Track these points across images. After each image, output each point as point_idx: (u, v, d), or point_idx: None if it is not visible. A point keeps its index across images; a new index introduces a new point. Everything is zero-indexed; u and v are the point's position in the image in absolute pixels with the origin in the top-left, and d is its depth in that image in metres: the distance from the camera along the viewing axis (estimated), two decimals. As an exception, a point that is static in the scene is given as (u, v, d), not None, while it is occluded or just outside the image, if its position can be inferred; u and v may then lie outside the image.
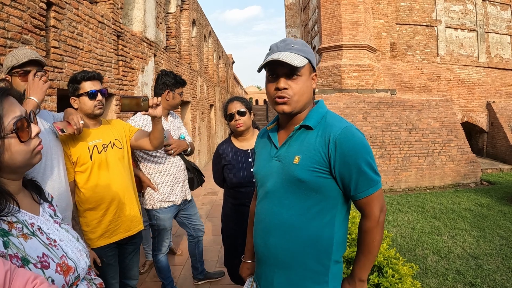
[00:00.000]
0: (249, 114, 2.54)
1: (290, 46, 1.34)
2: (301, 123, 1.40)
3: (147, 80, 5.58)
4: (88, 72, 2.15)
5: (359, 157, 1.30)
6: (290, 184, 1.36)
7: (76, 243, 1.16)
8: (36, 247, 0.97)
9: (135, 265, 2.56)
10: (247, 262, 1.77)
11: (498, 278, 4.49)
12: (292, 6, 23.42)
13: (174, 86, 2.97)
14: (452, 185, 10.56)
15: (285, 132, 1.48)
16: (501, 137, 14.26)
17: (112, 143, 2.26)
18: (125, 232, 2.30)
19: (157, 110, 2.13)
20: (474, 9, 15.74)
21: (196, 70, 9.98)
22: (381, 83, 12.41)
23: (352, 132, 1.32)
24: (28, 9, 2.71)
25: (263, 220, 1.46)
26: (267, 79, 1.40)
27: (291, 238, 1.36)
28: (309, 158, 1.33)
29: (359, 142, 1.31)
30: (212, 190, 7.88)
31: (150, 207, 3.00)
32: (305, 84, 1.36)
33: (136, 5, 5.36)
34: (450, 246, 5.61)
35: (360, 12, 12.29)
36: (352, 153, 1.29)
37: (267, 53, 1.40)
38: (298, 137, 1.40)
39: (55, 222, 1.16)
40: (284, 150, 1.42)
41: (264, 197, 1.47)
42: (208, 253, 4.32)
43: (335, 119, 1.40)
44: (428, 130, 10.92)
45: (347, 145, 1.29)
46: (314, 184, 1.33)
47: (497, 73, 15.87)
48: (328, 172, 1.33)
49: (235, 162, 2.49)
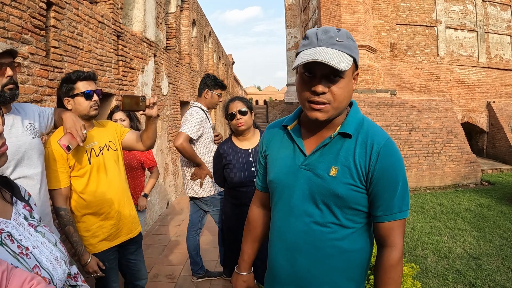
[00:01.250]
0: (250, 114, 2.55)
1: (334, 41, 1.09)
2: (338, 130, 1.21)
3: (147, 80, 5.58)
4: (83, 72, 2.09)
5: (398, 175, 1.17)
6: (325, 198, 1.19)
7: (53, 249, 1.05)
8: (4, 258, 0.86)
9: (142, 264, 2.55)
10: (243, 275, 1.57)
11: (498, 279, 4.48)
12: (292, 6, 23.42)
13: (212, 87, 3.33)
14: (452, 185, 10.55)
15: (314, 136, 1.27)
16: (501, 137, 14.24)
17: (107, 145, 2.22)
18: (127, 235, 2.29)
19: (154, 110, 2.10)
20: (474, 10, 15.73)
21: (196, 71, 9.97)
22: (381, 84, 12.40)
23: (394, 146, 1.19)
24: (28, 9, 2.71)
25: (287, 239, 1.28)
26: (301, 76, 1.16)
27: (323, 259, 1.22)
28: (348, 170, 1.17)
29: (400, 159, 1.18)
30: (212, 190, 7.86)
31: (212, 193, 3.35)
32: (347, 88, 1.14)
33: (136, 5, 5.35)
34: (450, 246, 5.60)
35: (360, 13, 12.28)
36: (392, 169, 1.15)
37: (303, 43, 1.16)
38: (334, 145, 1.21)
39: (29, 226, 1.04)
40: (316, 159, 1.22)
41: (289, 213, 1.27)
42: (208, 253, 4.32)
43: (374, 127, 1.24)
44: (428, 130, 10.91)
45: (390, 160, 1.15)
46: (351, 199, 1.18)
47: (497, 73, 15.85)
48: (364, 187, 1.18)
49: (236, 162, 2.50)
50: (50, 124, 2.02)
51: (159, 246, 4.68)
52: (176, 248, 4.57)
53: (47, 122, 1.98)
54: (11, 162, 1.62)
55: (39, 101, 2.77)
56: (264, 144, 1.46)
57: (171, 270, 3.94)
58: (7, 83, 1.63)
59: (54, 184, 1.97)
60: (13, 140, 1.65)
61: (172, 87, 7.20)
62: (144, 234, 5.07)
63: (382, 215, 1.18)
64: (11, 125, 1.69)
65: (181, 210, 6.40)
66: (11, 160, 1.62)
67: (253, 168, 2.48)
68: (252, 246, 1.57)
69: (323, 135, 1.24)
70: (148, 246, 4.63)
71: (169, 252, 4.45)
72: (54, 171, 1.96)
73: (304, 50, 1.12)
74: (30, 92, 2.68)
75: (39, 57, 2.83)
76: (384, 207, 1.17)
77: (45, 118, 1.97)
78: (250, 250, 1.57)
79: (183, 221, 5.74)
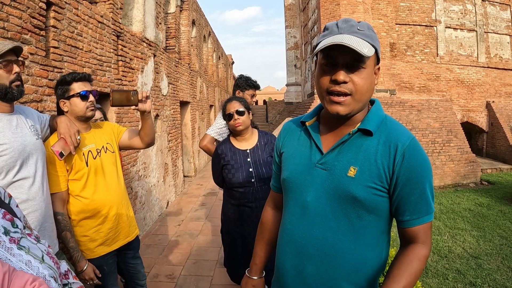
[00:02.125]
0: (247, 114, 2.54)
1: (356, 29, 1.04)
2: (358, 126, 1.13)
3: (146, 80, 5.57)
4: (78, 73, 2.05)
5: (426, 177, 1.08)
6: (341, 201, 1.11)
7: (40, 267, 0.92)
8: None
9: (140, 266, 2.55)
10: (253, 279, 1.47)
11: (498, 278, 4.48)
12: (291, 6, 23.40)
13: (244, 88, 3.32)
14: (452, 185, 10.55)
15: (332, 133, 1.19)
16: (501, 137, 14.25)
17: (104, 147, 2.19)
18: (125, 239, 2.27)
19: (147, 104, 2.06)
20: (473, 9, 15.73)
21: (196, 71, 9.97)
22: (380, 83, 12.41)
23: (420, 146, 1.10)
24: (28, 9, 2.71)
25: (297, 242, 1.19)
26: (321, 67, 1.10)
27: (334, 266, 1.13)
28: (369, 171, 1.08)
29: (426, 159, 1.09)
30: (211, 190, 7.88)
31: None
32: (370, 79, 1.08)
33: (136, 5, 5.35)
34: (450, 246, 5.61)
35: (360, 12, 12.29)
36: (419, 170, 1.07)
37: (323, 34, 1.10)
38: (353, 142, 1.13)
39: (11, 242, 0.89)
40: (333, 157, 1.14)
41: (301, 214, 1.19)
42: (208, 254, 4.32)
43: (398, 125, 1.15)
44: (427, 130, 10.92)
45: (417, 160, 1.07)
46: (371, 203, 1.09)
47: (496, 73, 15.86)
48: (386, 190, 1.09)
49: (234, 162, 2.49)
50: (46, 131, 2.00)
51: (159, 246, 4.68)
52: (176, 248, 4.57)
53: (44, 128, 1.97)
54: (17, 162, 1.62)
55: (38, 101, 2.77)
56: (280, 141, 1.36)
57: (171, 270, 3.94)
58: (15, 79, 1.64)
59: (53, 188, 1.94)
60: (19, 140, 1.65)
61: (172, 87, 7.20)
62: (144, 234, 5.07)
63: (409, 220, 1.10)
64: (16, 125, 1.69)
65: (181, 210, 6.40)
66: (17, 159, 1.63)
67: (251, 169, 2.47)
68: (264, 249, 1.48)
69: (342, 132, 1.15)
70: (148, 246, 4.63)
71: (169, 252, 4.45)
72: (52, 175, 1.94)
73: (325, 39, 1.06)
74: (30, 92, 2.68)
75: (38, 57, 2.83)
76: (411, 210, 1.09)
77: (42, 123, 1.96)
78: (262, 253, 1.48)
79: (183, 221, 5.74)
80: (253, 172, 2.45)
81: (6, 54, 1.59)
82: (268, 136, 2.64)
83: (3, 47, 1.57)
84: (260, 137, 2.61)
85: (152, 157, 5.77)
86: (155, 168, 5.90)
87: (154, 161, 5.84)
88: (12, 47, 1.59)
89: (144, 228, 5.18)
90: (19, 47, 1.66)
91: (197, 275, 3.80)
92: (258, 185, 2.45)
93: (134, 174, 4.92)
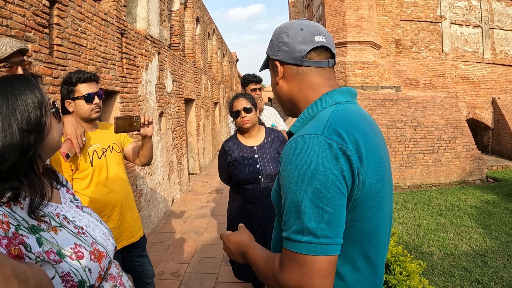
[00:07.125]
0: (254, 111, 2.52)
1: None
2: None
3: (151, 77, 5.57)
4: (84, 73, 2.00)
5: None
6: None
7: (101, 226, 1.12)
8: (68, 238, 0.94)
9: (147, 265, 2.54)
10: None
11: (505, 276, 4.45)
12: (295, 3, 23.33)
13: (245, 85, 3.43)
14: (458, 182, 10.50)
15: None
16: (507, 134, 14.15)
17: (110, 147, 2.18)
18: (128, 239, 2.25)
19: (149, 129, 2.05)
20: (478, 5, 15.61)
21: (200, 68, 9.96)
22: (386, 80, 12.34)
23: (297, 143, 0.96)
24: (31, 7, 2.70)
25: None
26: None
27: None
28: None
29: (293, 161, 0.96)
30: (217, 187, 7.87)
31: None
32: (274, 81, 1.16)
33: (140, 2, 5.34)
34: (456, 243, 5.58)
35: (364, 9, 12.22)
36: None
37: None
38: None
39: (77, 207, 1.11)
40: None
41: None
42: (213, 251, 4.32)
43: None
44: (433, 127, 10.86)
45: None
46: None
47: (502, 69, 15.75)
48: None
49: (241, 159, 2.48)
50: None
51: (164, 243, 4.68)
52: (181, 246, 4.57)
53: None
54: None
55: (43, 99, 2.77)
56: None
57: (176, 267, 3.94)
58: None
59: None
60: None
61: (177, 84, 7.19)
62: (149, 232, 5.08)
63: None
64: None
65: (186, 208, 6.40)
66: None
67: (258, 165, 2.45)
68: None
69: None
70: (153, 244, 4.63)
71: (174, 250, 4.45)
72: None
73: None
74: (34, 90, 2.67)
75: (42, 55, 2.83)
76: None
77: None
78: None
79: (188, 218, 5.74)
80: (260, 168, 2.44)
81: (12, 56, 1.57)
82: (275, 132, 2.62)
83: (8, 49, 1.55)
84: (267, 133, 2.60)
85: (157, 155, 5.76)
86: (160, 165, 5.90)
87: (159, 159, 5.84)
88: (18, 49, 1.57)
89: (149, 225, 5.18)
90: (25, 48, 1.64)
91: (202, 273, 3.79)
92: (265, 181, 2.44)
93: (139, 171, 4.92)
